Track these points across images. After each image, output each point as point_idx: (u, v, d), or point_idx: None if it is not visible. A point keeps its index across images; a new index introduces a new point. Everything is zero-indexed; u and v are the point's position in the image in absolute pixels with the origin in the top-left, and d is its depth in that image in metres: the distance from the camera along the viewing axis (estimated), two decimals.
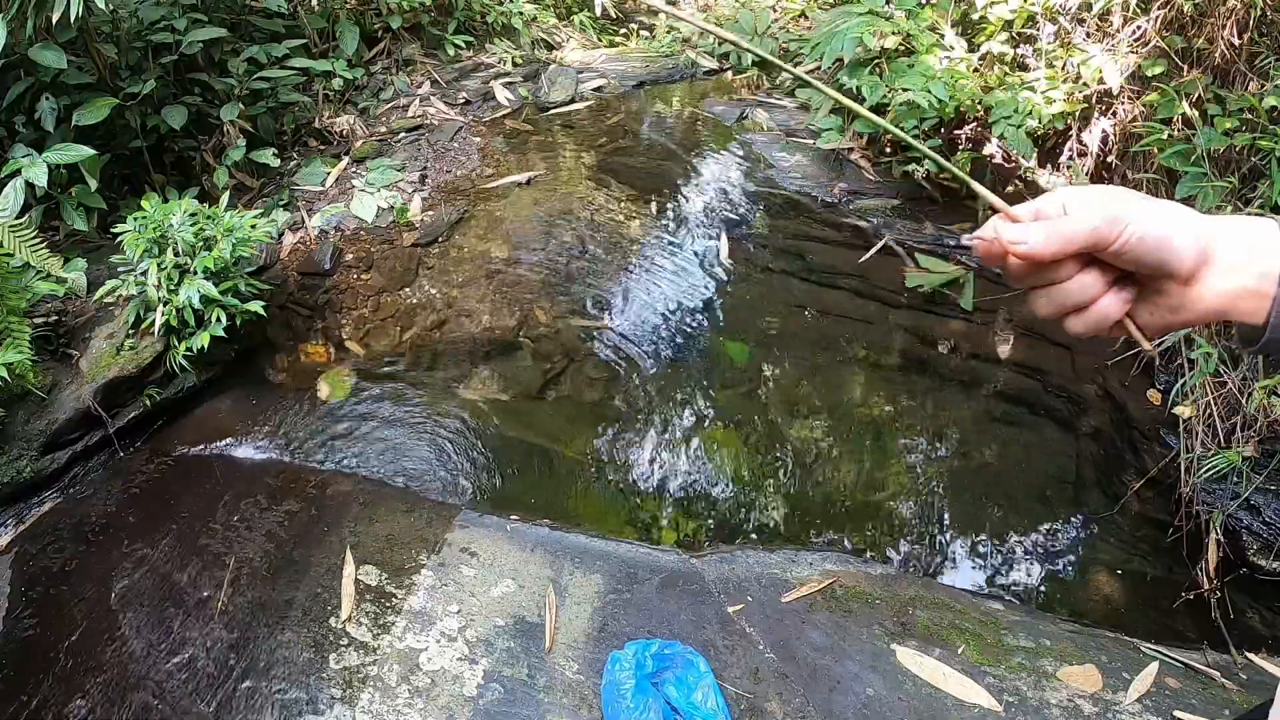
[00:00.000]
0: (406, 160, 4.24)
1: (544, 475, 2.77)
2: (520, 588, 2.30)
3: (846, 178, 4.14)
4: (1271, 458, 2.62)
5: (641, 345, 3.27)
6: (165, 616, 2.25)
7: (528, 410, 2.99)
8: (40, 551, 2.48)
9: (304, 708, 2.02)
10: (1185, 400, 2.86)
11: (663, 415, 2.98)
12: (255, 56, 3.96)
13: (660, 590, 2.29)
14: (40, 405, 2.69)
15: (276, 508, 2.57)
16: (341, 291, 3.48)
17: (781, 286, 3.57)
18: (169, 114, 3.53)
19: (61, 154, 3.06)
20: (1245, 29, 3.12)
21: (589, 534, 2.50)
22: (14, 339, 2.60)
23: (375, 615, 2.22)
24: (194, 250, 2.82)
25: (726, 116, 4.72)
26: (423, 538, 2.44)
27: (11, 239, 2.70)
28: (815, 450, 2.87)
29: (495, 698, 2.03)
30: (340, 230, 3.80)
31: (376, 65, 4.91)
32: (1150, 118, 3.30)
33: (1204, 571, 2.54)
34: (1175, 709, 2.05)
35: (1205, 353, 2.80)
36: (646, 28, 6.52)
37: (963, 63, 3.75)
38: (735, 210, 4.01)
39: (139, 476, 2.73)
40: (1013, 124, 3.44)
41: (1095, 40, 3.66)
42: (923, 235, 3.74)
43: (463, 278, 3.55)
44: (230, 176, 3.82)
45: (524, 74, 5.11)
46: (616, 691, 1.94)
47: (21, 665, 2.16)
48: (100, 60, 3.43)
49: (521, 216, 3.90)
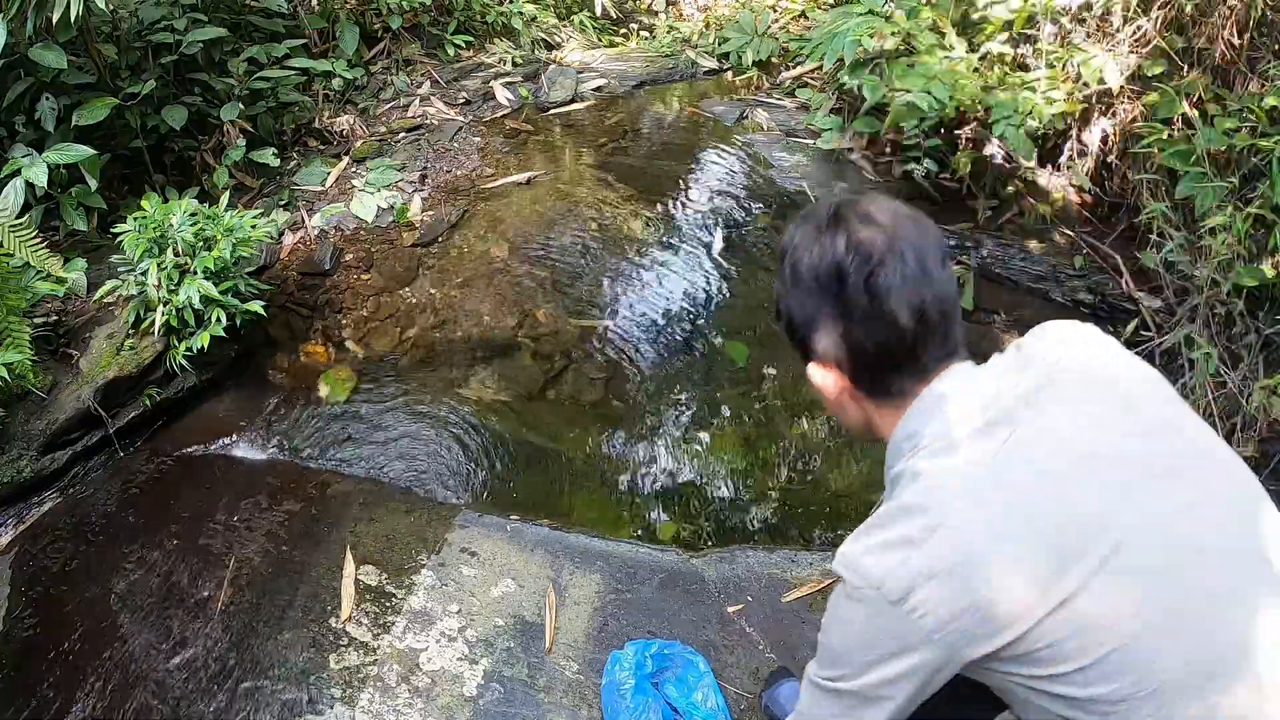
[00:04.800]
0: (406, 160, 4.24)
1: (544, 475, 2.77)
2: (520, 588, 2.30)
3: (846, 178, 4.14)
4: (1271, 458, 2.62)
5: (641, 345, 3.27)
6: (165, 616, 2.25)
7: (528, 410, 2.99)
8: (40, 551, 2.48)
9: (304, 708, 2.02)
10: (1185, 400, 2.86)
11: (663, 415, 2.98)
12: (255, 56, 3.96)
13: (660, 590, 2.29)
14: (40, 405, 2.69)
15: (276, 508, 2.57)
16: (341, 291, 3.48)
17: None
18: (169, 114, 3.52)
19: (61, 154, 3.06)
20: (1245, 29, 3.12)
21: (589, 534, 2.50)
22: (14, 339, 2.60)
23: (375, 615, 2.22)
24: (194, 250, 2.82)
25: (726, 116, 4.72)
26: (423, 538, 2.44)
27: (11, 239, 2.70)
28: (815, 450, 2.87)
29: (495, 698, 2.03)
30: (340, 230, 3.80)
31: (376, 65, 4.91)
32: (1150, 118, 3.30)
33: None
34: None
35: (1205, 353, 2.80)
36: (646, 28, 6.52)
37: (963, 63, 3.74)
38: (735, 210, 4.01)
39: (139, 476, 2.73)
40: (1013, 124, 3.44)
41: (1095, 40, 3.65)
42: None
43: (463, 278, 3.55)
44: (230, 176, 3.82)
45: (524, 74, 5.10)
46: (616, 691, 1.94)
47: (21, 665, 2.16)
48: (100, 60, 3.43)
49: (522, 216, 3.90)
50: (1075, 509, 0.90)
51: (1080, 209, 3.89)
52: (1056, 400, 0.97)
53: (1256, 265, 2.73)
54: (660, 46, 5.63)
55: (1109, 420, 0.96)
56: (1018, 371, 1.02)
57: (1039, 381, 0.99)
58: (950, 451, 0.96)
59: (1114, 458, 0.94)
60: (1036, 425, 0.95)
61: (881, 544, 0.93)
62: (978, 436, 0.95)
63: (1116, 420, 0.97)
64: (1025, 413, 0.96)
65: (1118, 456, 0.94)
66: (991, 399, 0.98)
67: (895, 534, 0.92)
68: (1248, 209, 2.76)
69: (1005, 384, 1.00)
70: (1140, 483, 0.93)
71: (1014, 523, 0.89)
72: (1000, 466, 0.93)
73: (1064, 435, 0.94)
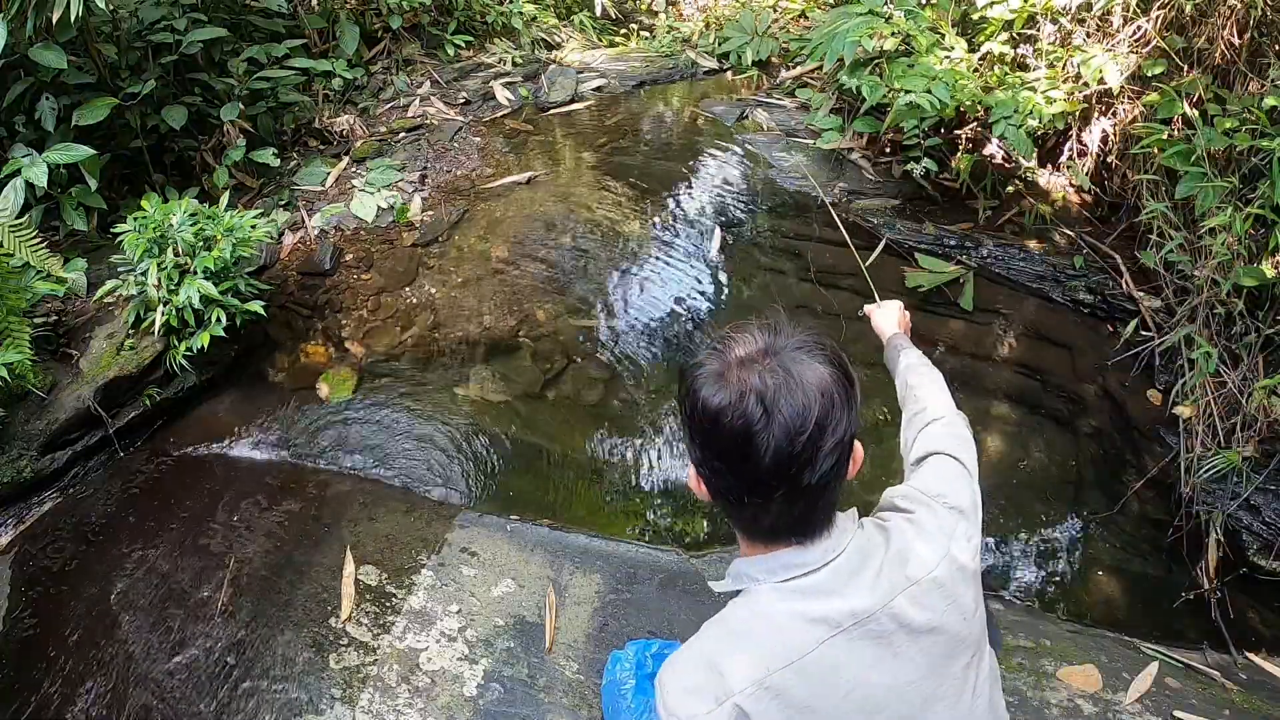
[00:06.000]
0: (406, 160, 4.24)
1: (544, 475, 2.77)
2: (520, 588, 2.30)
3: (846, 178, 4.14)
4: (1271, 458, 2.62)
5: (641, 345, 3.27)
6: (165, 616, 2.25)
7: (528, 410, 2.99)
8: (40, 551, 2.48)
9: (304, 708, 2.02)
10: (1185, 400, 2.86)
11: (662, 415, 2.98)
12: (255, 56, 3.96)
13: (660, 590, 2.29)
14: (40, 405, 2.69)
15: (276, 508, 2.57)
16: (341, 291, 3.48)
17: (781, 286, 3.56)
18: (169, 114, 3.53)
19: (61, 154, 3.06)
20: (1245, 29, 3.12)
21: (589, 534, 2.50)
22: (14, 339, 2.61)
23: (375, 615, 2.22)
24: (194, 250, 2.82)
25: (726, 116, 4.72)
26: (423, 538, 2.44)
27: (11, 239, 2.70)
28: None
29: (495, 698, 2.03)
30: (340, 230, 3.80)
31: (376, 65, 4.91)
32: (1150, 118, 3.30)
33: (1204, 571, 2.54)
34: (1175, 709, 2.05)
35: (1205, 353, 2.80)
36: (646, 28, 6.52)
37: (963, 63, 3.75)
38: (735, 210, 4.01)
39: (139, 476, 2.73)
40: (1013, 124, 3.44)
41: (1095, 40, 3.65)
42: (923, 235, 3.74)
43: (463, 278, 3.55)
44: (230, 176, 3.82)
45: (524, 74, 5.11)
46: (616, 691, 1.94)
47: (21, 665, 2.16)
48: (100, 60, 3.43)
49: (521, 216, 3.90)
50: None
51: (1080, 209, 3.89)
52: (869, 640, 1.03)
53: (1256, 265, 2.74)
54: (660, 46, 5.63)
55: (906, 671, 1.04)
56: (855, 586, 1.05)
57: (868, 607, 1.03)
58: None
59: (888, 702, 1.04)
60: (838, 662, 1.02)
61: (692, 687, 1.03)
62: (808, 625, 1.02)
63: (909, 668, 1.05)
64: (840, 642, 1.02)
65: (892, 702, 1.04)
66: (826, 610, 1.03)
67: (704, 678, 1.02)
68: (1248, 209, 2.76)
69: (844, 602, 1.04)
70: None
71: (778, 700, 1.00)
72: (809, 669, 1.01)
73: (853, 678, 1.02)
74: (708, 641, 1.06)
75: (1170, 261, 3.19)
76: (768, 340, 1.01)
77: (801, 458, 0.95)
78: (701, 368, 1.00)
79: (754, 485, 0.99)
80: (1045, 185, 4.01)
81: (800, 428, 0.94)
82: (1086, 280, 3.47)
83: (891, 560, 1.06)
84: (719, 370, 0.99)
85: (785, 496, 0.99)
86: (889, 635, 1.02)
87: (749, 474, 0.97)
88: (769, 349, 0.99)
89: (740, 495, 1.01)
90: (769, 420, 0.94)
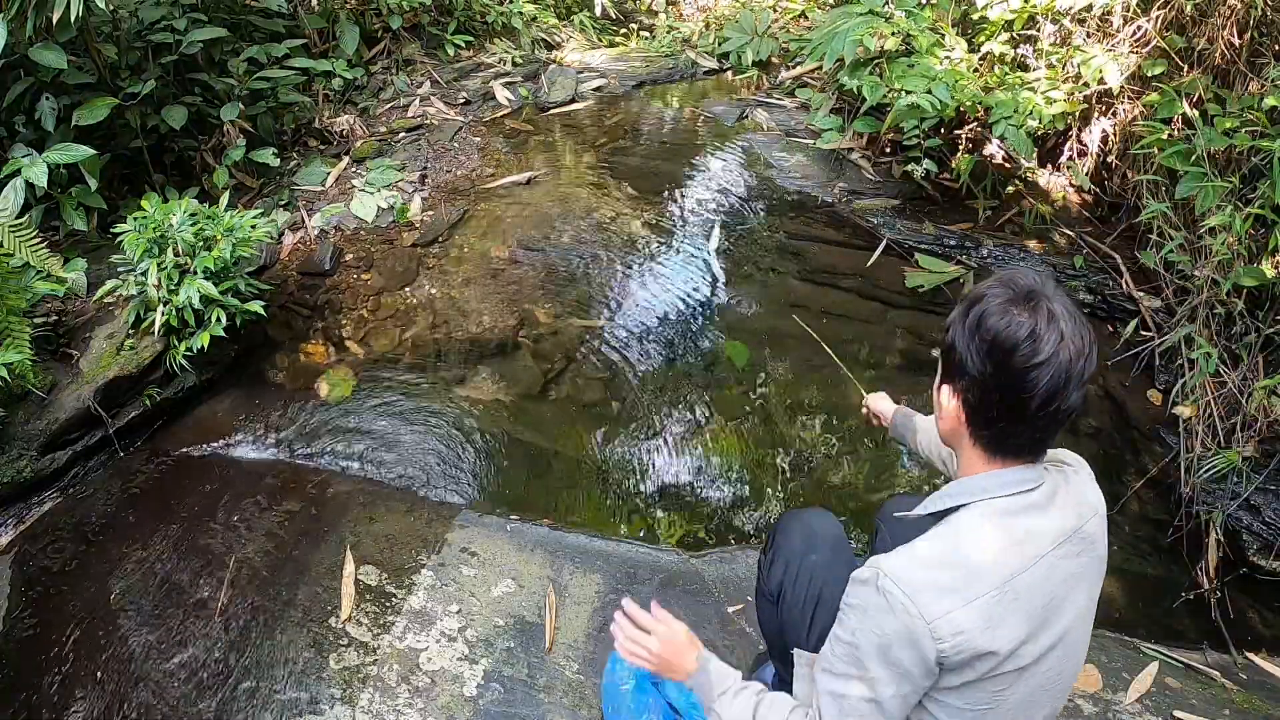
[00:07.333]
0: (406, 160, 4.24)
1: (544, 475, 2.77)
2: (520, 588, 2.30)
3: (846, 178, 4.14)
4: (1271, 458, 2.62)
5: (641, 345, 3.27)
6: (165, 616, 2.25)
7: (528, 410, 2.99)
8: (40, 551, 2.48)
9: (304, 708, 2.02)
10: (1185, 400, 2.86)
11: (662, 415, 2.98)
12: (255, 56, 3.96)
13: (660, 590, 2.29)
14: (40, 405, 2.69)
15: (276, 508, 2.57)
16: (341, 291, 3.49)
17: (781, 286, 3.56)
18: (169, 114, 3.53)
19: (61, 154, 3.06)
20: (1245, 29, 3.12)
21: (589, 534, 2.50)
22: (14, 339, 2.61)
23: (375, 615, 2.22)
24: (194, 250, 2.82)
25: (726, 116, 4.72)
26: (423, 538, 2.44)
27: (11, 239, 2.70)
28: (815, 450, 2.87)
29: (495, 698, 2.03)
30: (340, 230, 3.80)
31: (376, 65, 4.91)
32: (1150, 118, 3.30)
33: (1204, 571, 2.54)
34: (1175, 709, 2.05)
35: (1205, 353, 2.80)
36: (646, 28, 6.52)
37: (963, 63, 3.75)
38: (735, 210, 4.01)
39: (139, 476, 2.73)
40: (1013, 124, 3.44)
41: (1095, 40, 3.66)
42: (922, 235, 3.74)
43: (463, 278, 3.55)
44: (230, 176, 3.82)
45: (524, 74, 5.11)
46: (616, 691, 1.94)
47: (21, 665, 2.16)
48: (100, 60, 3.43)
49: (521, 216, 3.90)
50: (1050, 617, 1.17)
51: (1080, 209, 3.89)
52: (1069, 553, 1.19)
53: (1256, 265, 2.74)
54: (660, 46, 5.63)
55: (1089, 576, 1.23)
56: (1057, 507, 1.20)
57: (1071, 527, 1.19)
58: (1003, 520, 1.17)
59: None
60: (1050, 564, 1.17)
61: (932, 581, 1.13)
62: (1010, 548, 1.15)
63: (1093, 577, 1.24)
64: (1051, 550, 1.17)
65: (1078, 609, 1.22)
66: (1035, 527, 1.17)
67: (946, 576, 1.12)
68: (1248, 209, 2.76)
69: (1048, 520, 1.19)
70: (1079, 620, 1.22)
71: (1015, 602, 1.13)
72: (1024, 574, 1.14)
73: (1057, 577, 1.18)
74: (944, 548, 1.15)
75: (1170, 261, 3.19)
76: (1038, 284, 1.13)
77: (1069, 386, 1.08)
78: (993, 299, 1.12)
79: (1021, 407, 1.10)
80: (1045, 185, 4.01)
81: (1080, 359, 1.08)
82: (1086, 280, 3.47)
83: (1074, 492, 1.22)
84: (1012, 301, 1.11)
85: (1043, 419, 1.11)
86: (1079, 555, 1.19)
87: (1025, 395, 1.09)
88: (1044, 291, 1.12)
89: (1001, 413, 1.13)
90: (1057, 350, 1.07)
